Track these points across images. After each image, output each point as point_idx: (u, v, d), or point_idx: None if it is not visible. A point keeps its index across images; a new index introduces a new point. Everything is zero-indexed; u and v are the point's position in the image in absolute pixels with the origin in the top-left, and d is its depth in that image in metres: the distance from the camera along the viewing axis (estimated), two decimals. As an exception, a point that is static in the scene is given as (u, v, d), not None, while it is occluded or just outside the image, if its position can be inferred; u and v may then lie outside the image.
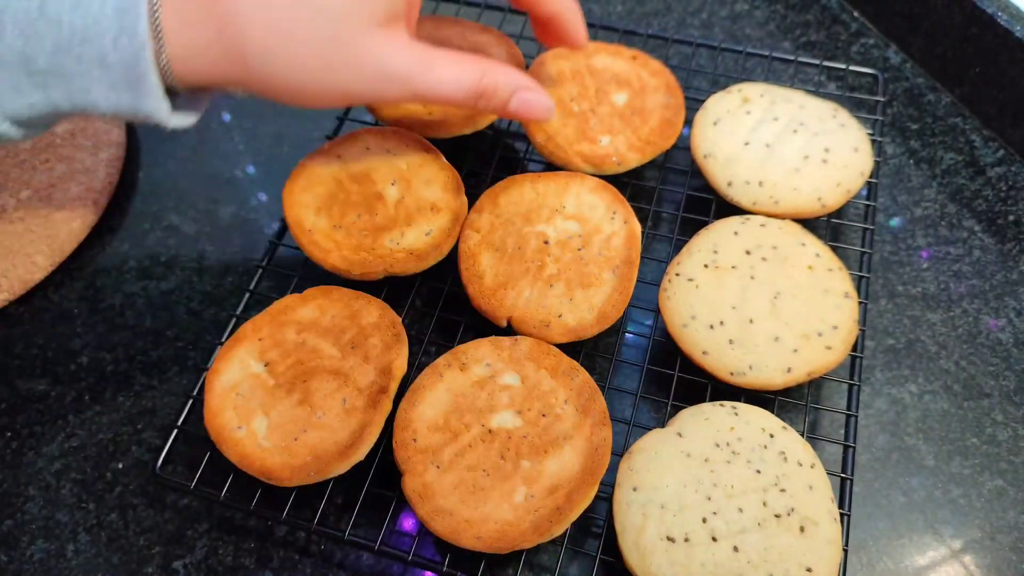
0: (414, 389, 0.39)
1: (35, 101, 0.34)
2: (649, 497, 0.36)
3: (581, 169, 0.47)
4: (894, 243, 0.50)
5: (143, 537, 0.41)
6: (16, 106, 0.34)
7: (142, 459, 0.43)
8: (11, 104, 0.34)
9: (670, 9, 0.63)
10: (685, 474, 0.36)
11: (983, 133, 0.54)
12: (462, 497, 0.36)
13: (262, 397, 0.39)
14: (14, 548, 0.40)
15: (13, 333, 0.48)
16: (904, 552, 0.39)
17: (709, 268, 0.42)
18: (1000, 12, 0.50)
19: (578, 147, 0.47)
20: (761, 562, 0.34)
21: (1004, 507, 0.40)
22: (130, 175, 0.55)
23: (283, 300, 0.42)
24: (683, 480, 0.36)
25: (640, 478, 0.36)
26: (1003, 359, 0.45)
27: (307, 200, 0.45)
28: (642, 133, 0.48)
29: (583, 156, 0.46)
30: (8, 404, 0.45)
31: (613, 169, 0.47)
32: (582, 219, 0.44)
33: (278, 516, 0.38)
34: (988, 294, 0.47)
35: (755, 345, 0.40)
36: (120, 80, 0.33)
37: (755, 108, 0.48)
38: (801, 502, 0.35)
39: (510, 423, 0.38)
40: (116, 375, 0.46)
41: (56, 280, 0.50)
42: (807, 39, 0.60)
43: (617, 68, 0.51)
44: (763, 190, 0.45)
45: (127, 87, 0.34)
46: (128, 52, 0.33)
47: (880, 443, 0.42)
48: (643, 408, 0.44)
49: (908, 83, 0.57)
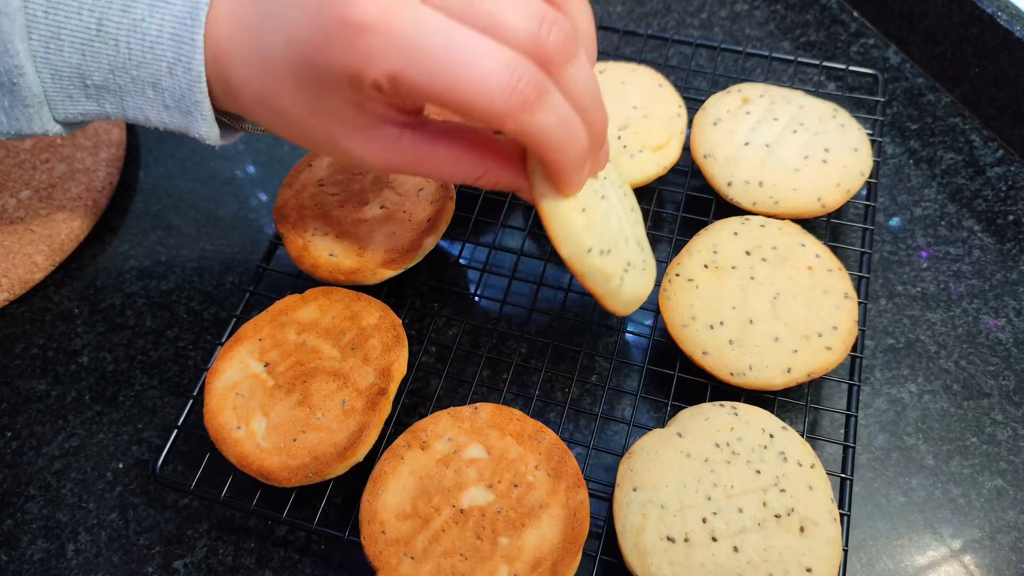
0: (375, 477, 0.37)
1: (88, 110, 0.35)
2: (649, 497, 0.36)
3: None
4: (894, 243, 0.50)
5: (143, 537, 0.41)
6: (69, 113, 0.35)
7: (142, 459, 0.43)
8: (64, 111, 0.35)
9: (670, 9, 0.63)
10: (685, 474, 0.36)
11: (983, 133, 0.54)
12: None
13: (262, 397, 0.39)
14: (14, 548, 0.40)
15: (13, 333, 0.48)
16: (904, 552, 0.39)
17: (709, 268, 0.42)
18: (1000, 12, 0.50)
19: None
20: (761, 562, 0.34)
21: (1004, 507, 0.40)
22: (130, 175, 0.55)
23: (284, 300, 0.42)
24: (683, 480, 0.36)
25: (640, 478, 0.36)
26: (1003, 359, 0.45)
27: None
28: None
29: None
30: (8, 404, 0.45)
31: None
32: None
33: (278, 516, 0.38)
34: (988, 294, 0.47)
35: (755, 345, 0.40)
36: (173, 104, 0.34)
37: (755, 108, 0.48)
38: (801, 502, 0.35)
39: (482, 499, 0.36)
40: (116, 375, 0.46)
41: (56, 280, 0.50)
42: (807, 39, 0.60)
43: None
44: (763, 190, 0.45)
45: (180, 112, 0.34)
46: (183, 81, 0.33)
47: (880, 443, 0.42)
48: (643, 408, 0.44)
49: (908, 83, 0.57)
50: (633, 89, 0.50)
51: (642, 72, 0.51)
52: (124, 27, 0.32)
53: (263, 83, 0.32)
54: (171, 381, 0.46)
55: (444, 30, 0.28)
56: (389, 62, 0.28)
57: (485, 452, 0.37)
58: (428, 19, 0.28)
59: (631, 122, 0.48)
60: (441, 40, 0.28)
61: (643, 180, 0.47)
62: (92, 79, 0.33)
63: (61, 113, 0.35)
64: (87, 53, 0.33)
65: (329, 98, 0.31)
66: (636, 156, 0.47)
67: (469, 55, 0.28)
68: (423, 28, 0.28)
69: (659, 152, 0.47)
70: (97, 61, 0.33)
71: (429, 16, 0.28)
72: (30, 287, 0.49)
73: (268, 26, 0.31)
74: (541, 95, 0.29)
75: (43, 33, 0.32)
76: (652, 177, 0.47)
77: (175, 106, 0.34)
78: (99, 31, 0.32)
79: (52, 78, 0.33)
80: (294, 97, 0.32)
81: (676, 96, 0.49)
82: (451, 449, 0.38)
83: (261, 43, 0.32)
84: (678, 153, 0.48)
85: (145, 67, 0.33)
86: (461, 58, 0.28)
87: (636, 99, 0.49)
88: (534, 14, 0.29)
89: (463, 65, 0.28)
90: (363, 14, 0.28)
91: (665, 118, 0.48)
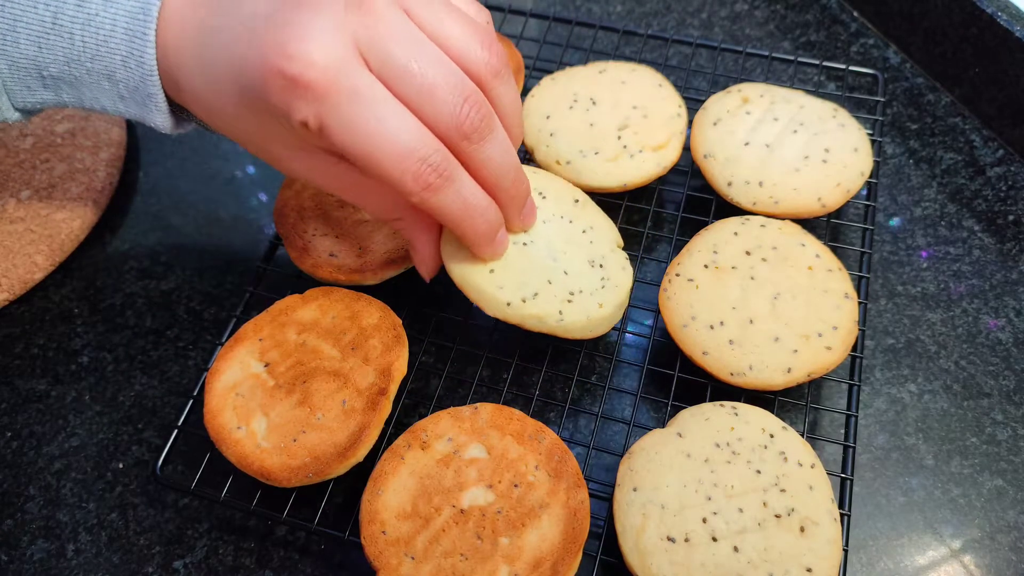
0: (376, 477, 0.37)
1: (46, 99, 0.36)
2: (649, 497, 0.36)
3: None
4: (894, 243, 0.50)
5: (143, 537, 0.41)
6: (27, 102, 0.36)
7: (142, 459, 0.43)
8: (22, 99, 0.36)
9: (670, 9, 0.63)
10: (685, 474, 0.36)
11: (983, 133, 0.54)
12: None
13: (262, 398, 0.39)
14: (14, 548, 0.40)
15: (13, 333, 0.48)
16: (904, 552, 0.39)
17: (709, 268, 0.42)
18: (1000, 12, 0.50)
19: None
20: (761, 562, 0.34)
21: (1004, 507, 0.40)
22: (130, 175, 0.55)
23: (284, 300, 0.42)
24: (683, 480, 0.36)
25: (640, 478, 0.36)
26: (1003, 359, 0.45)
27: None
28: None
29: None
30: (8, 404, 0.45)
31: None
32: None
33: (278, 516, 0.38)
34: (988, 294, 0.47)
35: (755, 345, 0.40)
36: (129, 95, 0.35)
37: (755, 108, 0.48)
38: (801, 502, 0.35)
39: (482, 499, 0.36)
40: (116, 375, 0.46)
41: (56, 280, 0.50)
42: (807, 39, 0.60)
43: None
44: (763, 190, 0.45)
45: (135, 103, 0.35)
46: (137, 74, 0.34)
47: (880, 443, 0.42)
48: (643, 408, 0.44)
49: (908, 83, 0.57)
50: (633, 89, 0.50)
51: (642, 72, 0.51)
52: (79, 21, 0.33)
53: (208, 93, 0.33)
54: (171, 381, 0.46)
55: (374, 105, 0.30)
56: (318, 119, 0.30)
57: (485, 452, 0.37)
58: (363, 89, 0.30)
59: (631, 122, 0.48)
60: (370, 114, 0.30)
61: (643, 180, 0.47)
62: (49, 70, 0.34)
63: (20, 102, 0.36)
64: (43, 46, 0.34)
65: (269, 123, 0.33)
66: (636, 156, 0.47)
67: (390, 134, 0.30)
68: (356, 99, 0.30)
69: (659, 152, 0.47)
70: (53, 53, 0.34)
71: (365, 86, 0.30)
72: (30, 287, 0.49)
73: (214, 43, 0.32)
74: (446, 180, 0.32)
75: (0, 26, 0.33)
76: (652, 177, 0.47)
77: (131, 97, 0.35)
78: (54, 24, 0.33)
79: (9, 69, 0.34)
80: (236, 114, 0.33)
81: (676, 96, 0.49)
82: (451, 449, 0.38)
83: (205, 58, 0.33)
84: (678, 153, 0.48)
85: (99, 60, 0.34)
86: (382, 135, 0.30)
87: (636, 99, 0.49)
88: (459, 93, 0.31)
89: (383, 142, 0.30)
90: (301, 73, 0.29)
91: (665, 118, 0.48)
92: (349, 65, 0.30)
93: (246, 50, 0.31)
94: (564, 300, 0.39)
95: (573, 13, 0.63)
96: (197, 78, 0.33)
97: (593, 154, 0.47)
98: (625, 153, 0.47)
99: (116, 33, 0.33)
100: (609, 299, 0.40)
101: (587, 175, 0.46)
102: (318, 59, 0.29)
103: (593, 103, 0.49)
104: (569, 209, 0.43)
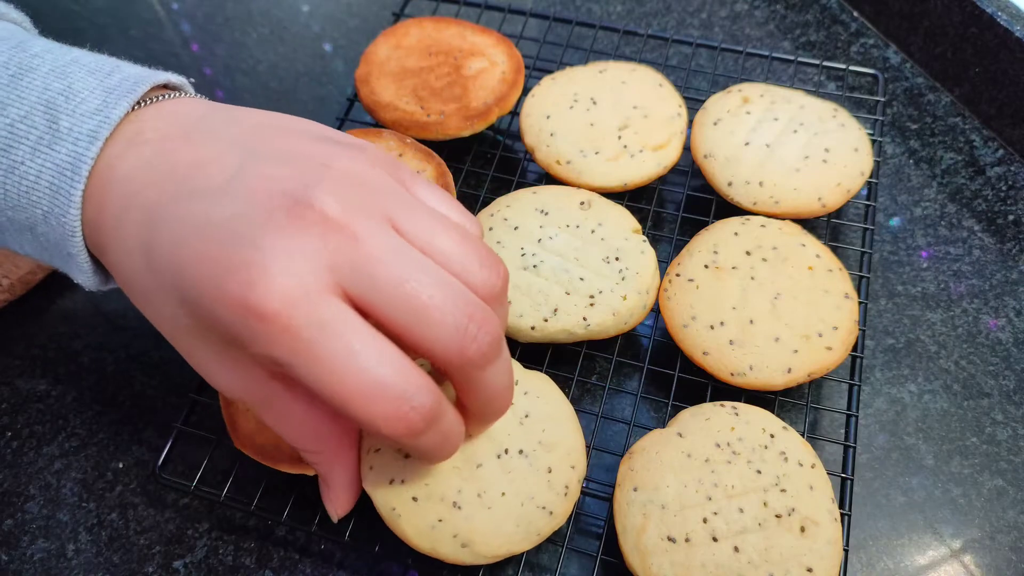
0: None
1: None
2: (649, 497, 0.36)
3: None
4: (894, 243, 0.50)
5: (143, 537, 0.41)
6: None
7: (142, 459, 0.43)
8: None
9: (670, 9, 0.63)
10: (686, 474, 0.36)
11: (983, 133, 0.54)
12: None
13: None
14: (14, 548, 0.40)
15: (13, 333, 0.48)
16: (904, 552, 0.39)
17: (709, 268, 0.42)
18: (1000, 12, 0.50)
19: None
20: (762, 562, 0.34)
21: (1004, 507, 0.40)
22: (130, 175, 0.55)
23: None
24: (684, 480, 0.36)
25: (640, 478, 0.36)
26: (1003, 359, 0.45)
27: None
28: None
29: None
30: (8, 404, 0.45)
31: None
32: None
33: (278, 516, 0.38)
34: (988, 294, 0.47)
35: (755, 346, 0.40)
36: (51, 249, 0.32)
37: (755, 108, 0.48)
38: (802, 502, 0.35)
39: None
40: (116, 375, 0.46)
41: (56, 280, 0.50)
42: (807, 39, 0.60)
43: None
44: (763, 190, 0.45)
45: (59, 258, 0.32)
46: (58, 233, 0.31)
47: (880, 443, 0.42)
48: (643, 408, 0.44)
49: (908, 83, 0.57)
50: (633, 89, 0.50)
51: (642, 72, 0.51)
52: (2, 167, 0.30)
53: (138, 278, 0.30)
54: (171, 381, 0.46)
55: (344, 337, 0.26)
56: (278, 353, 0.26)
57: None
58: (331, 321, 0.26)
59: (631, 122, 0.48)
60: (339, 348, 0.26)
61: (643, 180, 0.47)
62: None
63: None
64: None
65: (206, 332, 0.29)
66: (636, 156, 0.47)
67: (364, 376, 0.26)
68: (323, 332, 0.26)
69: (659, 152, 0.47)
70: None
71: (333, 316, 0.26)
72: (31, 287, 0.49)
73: (162, 239, 0.28)
74: (430, 425, 0.28)
75: None
76: (652, 177, 0.47)
77: (54, 251, 0.32)
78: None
79: None
80: (165, 312, 0.30)
81: (676, 96, 0.49)
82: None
83: (148, 247, 0.29)
84: (678, 153, 0.48)
85: (21, 211, 0.31)
86: (353, 376, 0.26)
87: (636, 99, 0.49)
88: (463, 313, 0.27)
89: (353, 383, 0.26)
90: (262, 303, 0.25)
91: (665, 118, 0.48)
92: (316, 294, 0.26)
93: (199, 266, 0.27)
94: (586, 306, 0.40)
95: (573, 13, 0.63)
96: (129, 260, 0.29)
97: (593, 154, 0.47)
98: (625, 153, 0.47)
99: (39, 186, 0.30)
100: (631, 288, 0.41)
101: (587, 175, 0.47)
102: (281, 287, 0.25)
103: (593, 103, 0.49)
104: (575, 215, 0.43)
